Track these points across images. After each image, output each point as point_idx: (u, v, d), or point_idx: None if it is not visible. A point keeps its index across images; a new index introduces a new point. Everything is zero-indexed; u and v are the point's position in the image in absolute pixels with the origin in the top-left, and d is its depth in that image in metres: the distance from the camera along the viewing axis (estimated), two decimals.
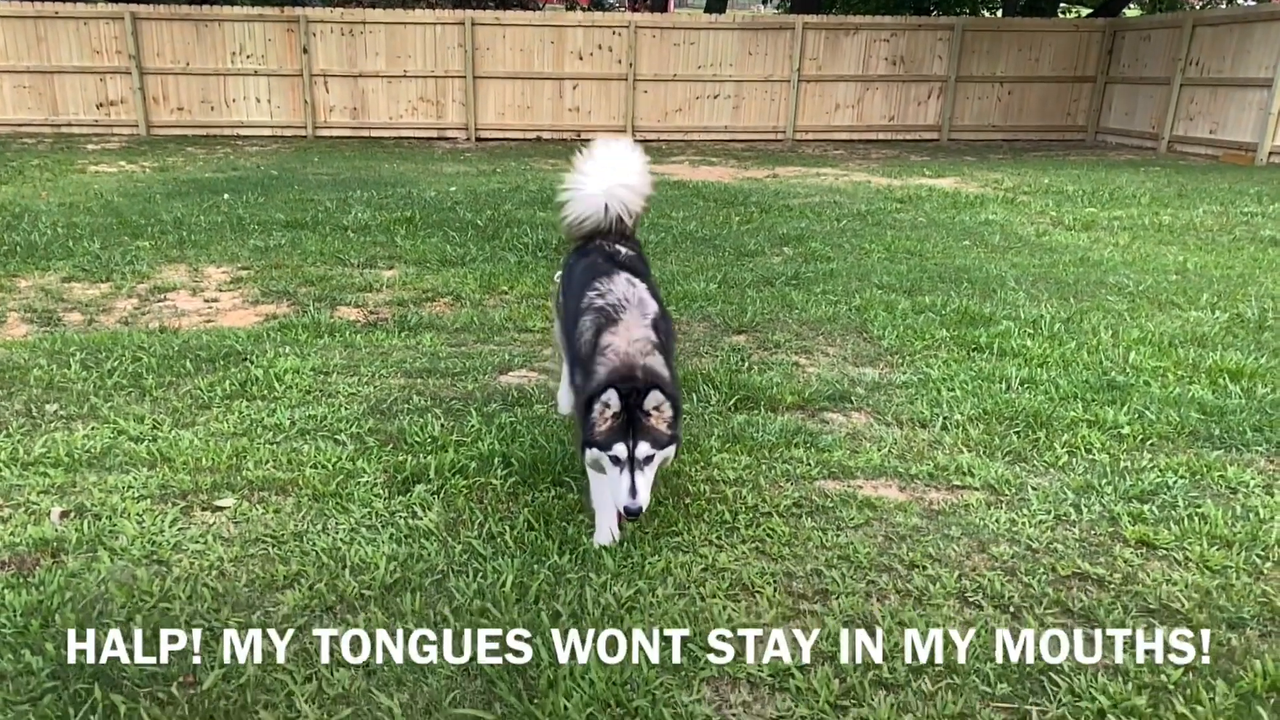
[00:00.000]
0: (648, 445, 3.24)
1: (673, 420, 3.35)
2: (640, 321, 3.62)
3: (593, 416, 3.29)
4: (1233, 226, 10.53)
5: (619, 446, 3.23)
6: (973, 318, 6.60)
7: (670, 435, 3.34)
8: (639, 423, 3.25)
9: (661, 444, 3.29)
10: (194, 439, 4.43)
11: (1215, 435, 4.61)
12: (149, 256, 8.41)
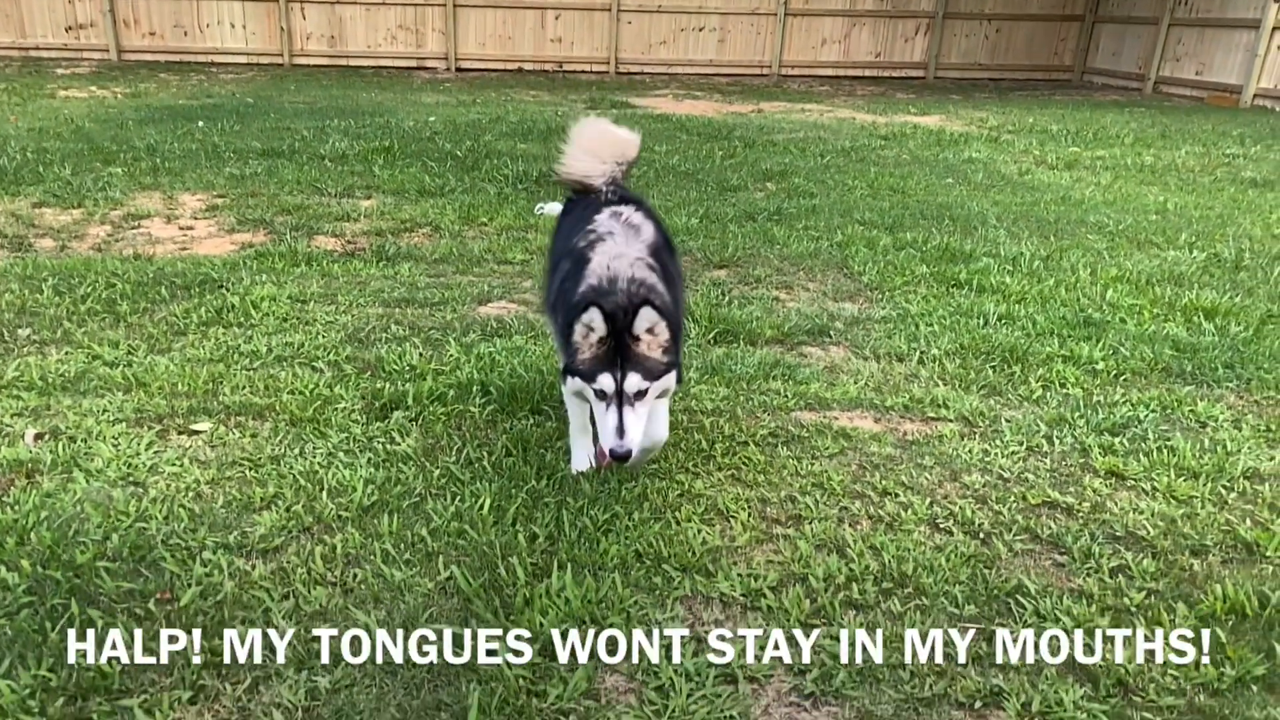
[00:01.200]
0: (639, 377, 2.83)
1: (670, 344, 2.94)
2: (633, 241, 3.20)
3: (574, 340, 2.90)
4: (1214, 168, 10.54)
5: (604, 378, 2.84)
6: (953, 254, 6.60)
7: (666, 363, 2.92)
8: (628, 350, 2.84)
9: (656, 374, 2.88)
10: (169, 365, 4.39)
11: (1187, 371, 4.66)
12: (122, 183, 8.26)
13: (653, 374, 2.89)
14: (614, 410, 2.85)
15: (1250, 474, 3.66)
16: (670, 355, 2.96)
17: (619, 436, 2.83)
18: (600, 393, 2.86)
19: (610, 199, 3.62)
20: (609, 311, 2.85)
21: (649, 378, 2.87)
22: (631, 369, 2.84)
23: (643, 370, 2.85)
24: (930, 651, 2.59)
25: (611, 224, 3.29)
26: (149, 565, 2.84)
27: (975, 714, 2.38)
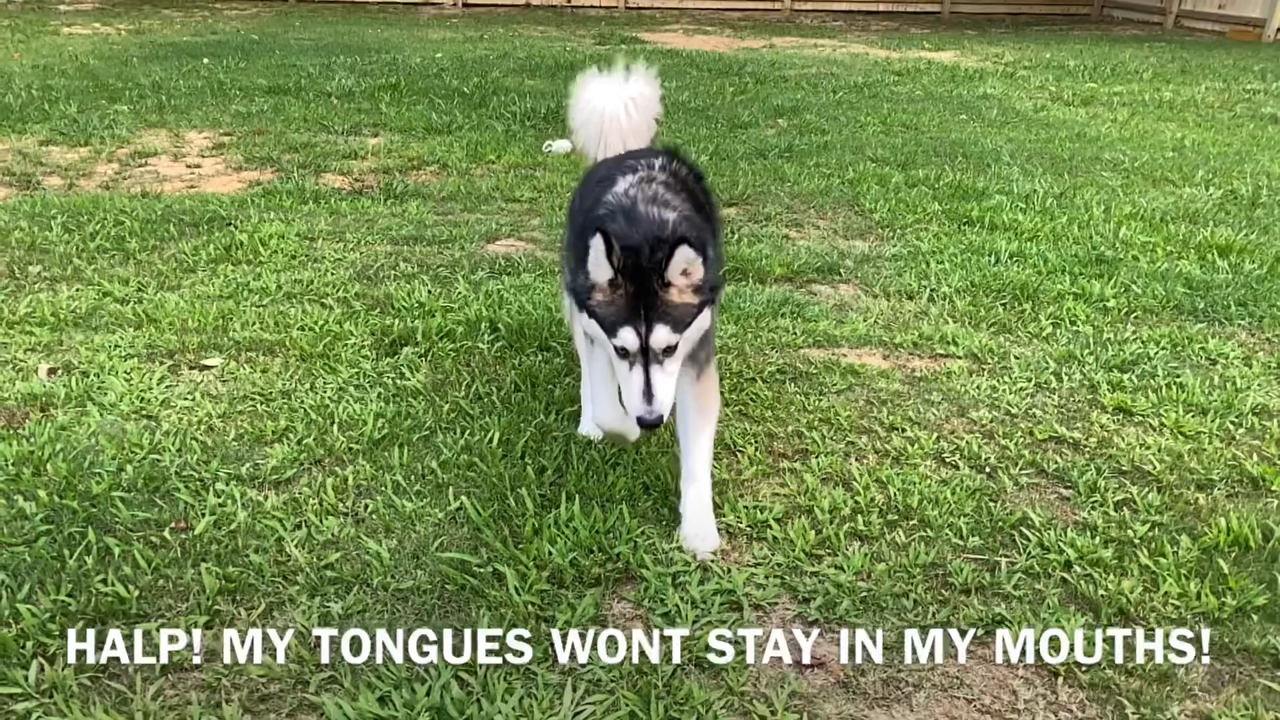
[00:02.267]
0: (668, 330, 2.36)
1: (703, 280, 2.45)
2: (659, 171, 2.75)
3: (588, 267, 2.39)
4: (1234, 103, 10.35)
5: (626, 332, 2.36)
6: (965, 192, 6.53)
7: (700, 303, 2.44)
8: (655, 297, 2.35)
9: (688, 321, 2.42)
10: (180, 301, 4.41)
11: (1199, 309, 4.63)
12: (128, 121, 8.21)
13: (684, 322, 2.41)
14: (639, 371, 2.39)
15: (1259, 410, 3.65)
16: (704, 293, 2.46)
17: (646, 400, 2.38)
18: (621, 350, 2.40)
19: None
20: (632, 247, 2.34)
21: (680, 328, 2.40)
22: (659, 320, 2.36)
23: (672, 320, 2.37)
24: (933, 581, 2.62)
25: (638, 158, 2.91)
26: (163, 496, 2.88)
27: (977, 641, 2.42)
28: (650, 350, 2.37)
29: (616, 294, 2.37)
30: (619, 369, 2.48)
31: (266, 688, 2.20)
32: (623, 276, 2.36)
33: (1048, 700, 2.24)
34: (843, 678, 2.28)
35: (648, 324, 2.36)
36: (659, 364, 2.40)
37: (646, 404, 2.38)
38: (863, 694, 2.24)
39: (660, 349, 2.38)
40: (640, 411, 2.39)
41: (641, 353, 2.38)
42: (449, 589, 2.52)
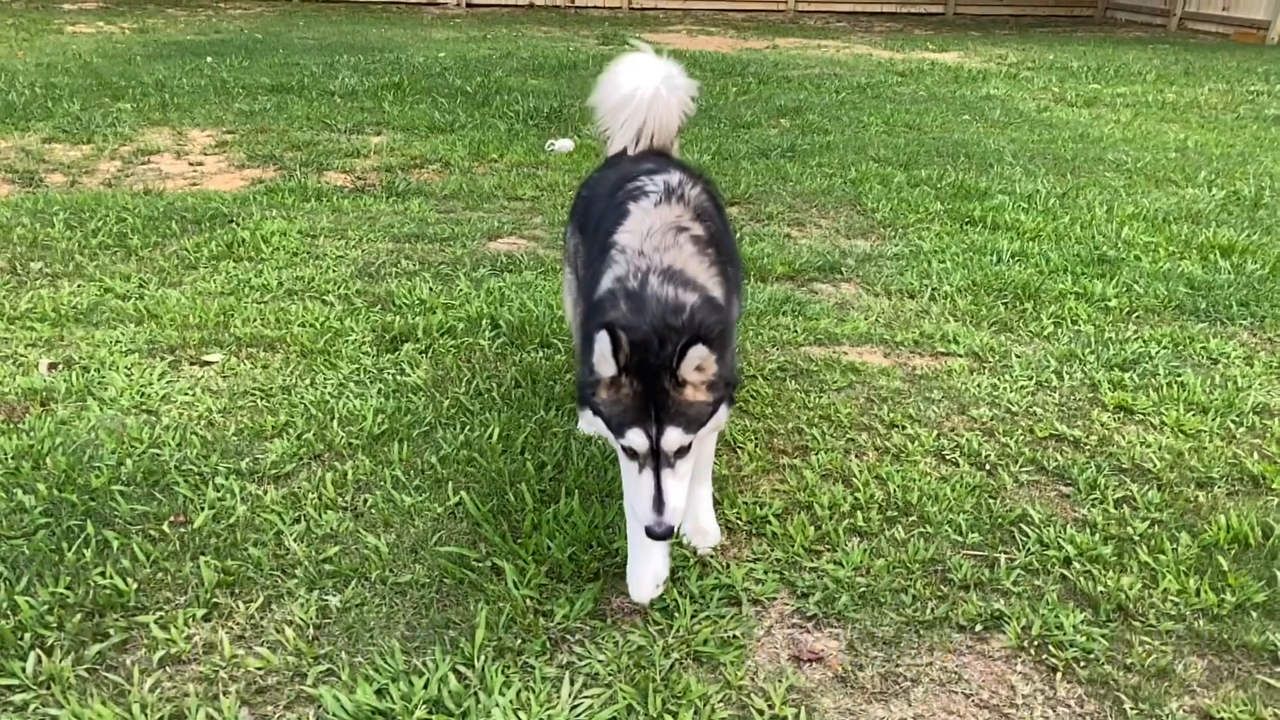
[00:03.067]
0: (680, 431, 2.11)
1: (718, 375, 2.18)
2: (671, 206, 2.50)
3: (592, 361, 2.15)
4: (1237, 105, 10.33)
5: (634, 434, 2.12)
6: (968, 191, 6.53)
7: (715, 400, 2.19)
8: (666, 394, 2.10)
9: (703, 420, 2.17)
10: (181, 297, 4.41)
11: (1201, 309, 4.63)
12: (131, 119, 8.22)
13: (698, 422, 2.16)
14: (649, 476, 2.14)
15: (1260, 409, 3.64)
16: (719, 390, 2.20)
17: (657, 510, 2.13)
18: (629, 451, 2.16)
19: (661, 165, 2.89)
20: (638, 343, 2.09)
21: (694, 428, 2.15)
22: (670, 421, 2.11)
23: (684, 421, 2.12)
24: (932, 576, 2.62)
25: (651, 177, 2.65)
26: (163, 490, 2.89)
27: (976, 637, 2.41)
28: (661, 453, 2.13)
29: (623, 392, 2.12)
30: (625, 469, 2.25)
31: (264, 680, 2.20)
32: (628, 374, 2.11)
33: (1046, 695, 2.24)
34: (841, 672, 2.27)
35: (658, 425, 2.11)
36: (670, 467, 2.14)
37: (656, 513, 2.13)
38: (861, 688, 2.24)
39: (672, 451, 2.13)
40: (649, 521, 2.13)
41: (651, 455, 2.13)
42: (448, 583, 2.52)
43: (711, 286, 2.34)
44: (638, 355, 2.08)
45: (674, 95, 3.20)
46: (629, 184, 2.63)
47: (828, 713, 2.16)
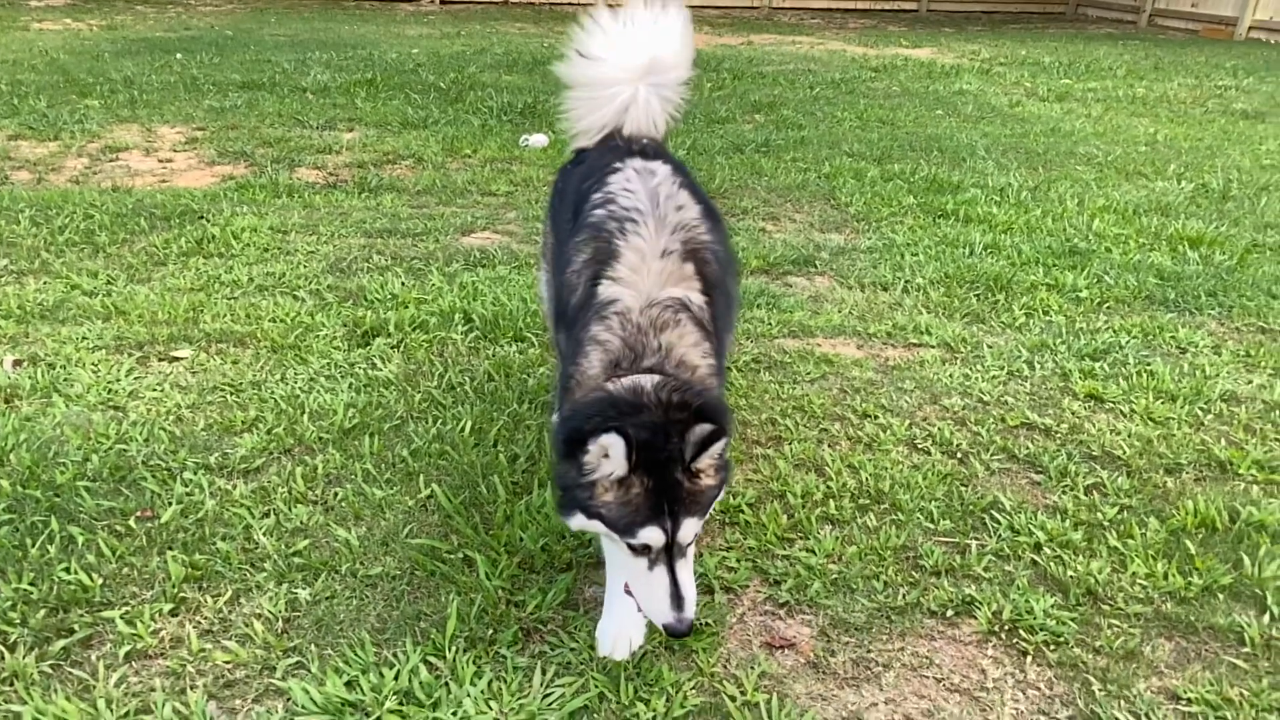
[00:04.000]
0: (695, 521, 2.00)
1: (725, 457, 2.08)
2: (667, 241, 2.28)
3: (585, 463, 1.98)
4: (1206, 99, 10.45)
5: (649, 533, 1.95)
6: (941, 185, 6.57)
7: (722, 482, 2.07)
8: (679, 488, 1.96)
9: (711, 501, 2.05)
10: (149, 294, 4.36)
11: (1170, 299, 4.67)
12: (99, 116, 8.11)
13: (709, 506, 2.04)
14: (663, 572, 1.99)
15: (1227, 397, 3.68)
16: (724, 471, 2.08)
17: (676, 608, 1.97)
18: (641, 548, 1.99)
19: (639, 151, 2.64)
20: (648, 438, 1.93)
21: (705, 513, 2.04)
22: (686, 513, 1.97)
23: (699, 509, 2.00)
24: (903, 563, 2.63)
25: (641, 192, 2.39)
26: (129, 485, 2.85)
27: (947, 622, 2.42)
28: (676, 546, 1.99)
29: (633, 491, 1.96)
30: (629, 568, 2.05)
31: (232, 674, 2.17)
32: (637, 472, 1.94)
33: (1016, 679, 2.25)
34: (813, 658, 2.28)
35: (674, 519, 1.95)
36: (683, 557, 2.01)
37: (676, 610, 1.97)
38: (832, 674, 2.24)
39: (686, 542, 2.01)
40: (668, 619, 1.97)
41: (665, 550, 1.98)
42: (419, 575, 2.51)
43: (709, 368, 2.19)
44: (646, 454, 1.92)
45: (658, 95, 2.85)
46: (610, 204, 2.38)
47: (799, 698, 2.17)
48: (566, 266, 2.39)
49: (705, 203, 2.53)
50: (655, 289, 2.20)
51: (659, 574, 1.98)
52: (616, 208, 2.35)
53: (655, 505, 1.94)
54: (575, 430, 1.99)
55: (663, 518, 1.95)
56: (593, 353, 2.16)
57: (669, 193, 2.41)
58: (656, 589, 1.99)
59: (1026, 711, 2.16)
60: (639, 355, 2.14)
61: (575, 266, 2.35)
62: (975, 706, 2.17)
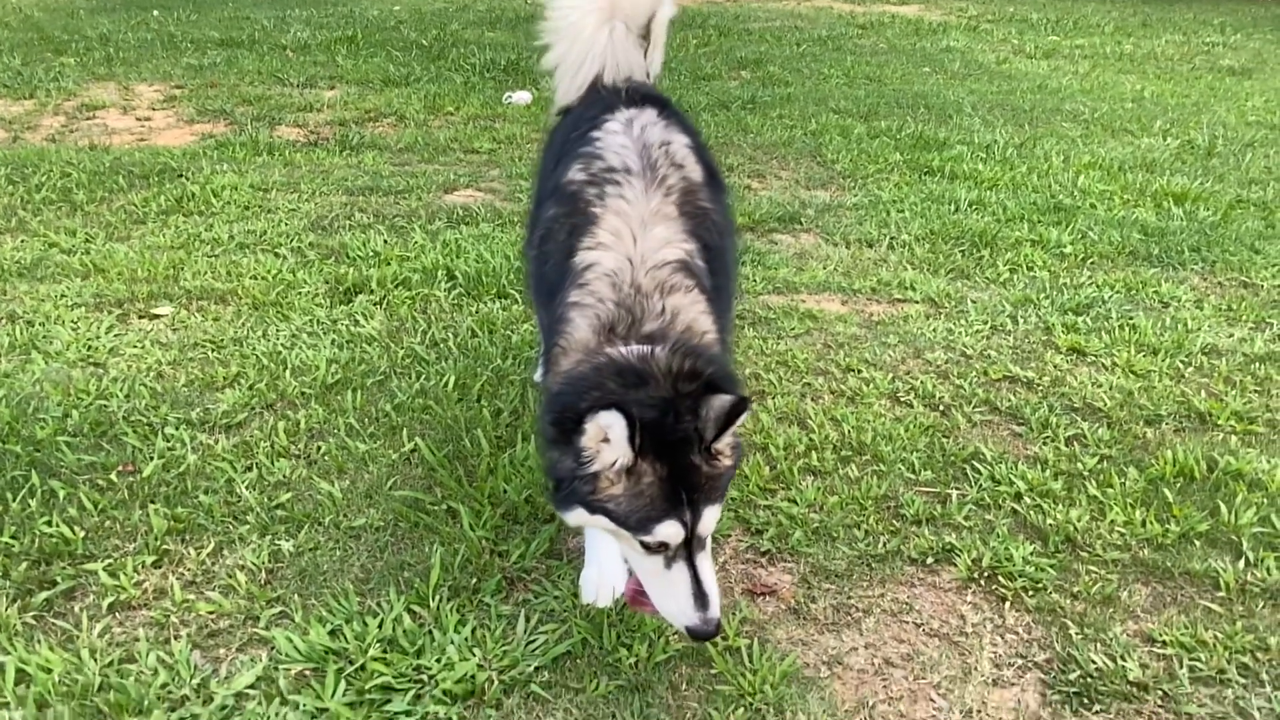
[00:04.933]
0: (716, 509, 1.80)
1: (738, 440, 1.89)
2: (659, 203, 2.08)
3: (582, 449, 1.73)
4: (1193, 56, 10.42)
5: (667, 527, 1.74)
6: (927, 142, 6.54)
7: (737, 461, 1.87)
8: (697, 471, 1.75)
9: (727, 485, 1.85)
10: (129, 252, 4.32)
11: (1154, 254, 4.68)
12: (75, 74, 7.99)
13: (726, 488, 1.84)
14: (683, 570, 1.78)
15: (1208, 350, 3.70)
16: (739, 449, 1.88)
17: (701, 607, 1.78)
18: (656, 545, 1.77)
19: (624, 99, 2.46)
20: (655, 417, 1.71)
21: (724, 495, 1.84)
22: (706, 501, 1.76)
23: (719, 495, 1.80)
24: (884, 512, 2.65)
25: (623, 151, 2.19)
26: (110, 440, 2.84)
27: (927, 569, 2.45)
28: (696, 539, 1.78)
29: (643, 482, 1.73)
30: (642, 566, 1.84)
31: (216, 624, 2.18)
32: (646, 459, 1.72)
33: (995, 624, 2.28)
34: (793, 604, 2.30)
35: (693, 510, 1.74)
36: (703, 549, 1.80)
37: (701, 610, 1.77)
38: (813, 619, 2.26)
39: (707, 534, 1.81)
40: (692, 621, 1.77)
41: (685, 545, 1.77)
42: (402, 526, 2.51)
43: (718, 338, 1.99)
44: (653, 435, 1.69)
45: (633, 35, 2.70)
46: (593, 161, 2.18)
47: (780, 643, 2.19)
48: (546, 235, 2.19)
49: (702, 154, 2.34)
50: (650, 250, 1.99)
51: (679, 572, 1.77)
52: (600, 166, 2.15)
53: (671, 496, 1.72)
54: (568, 408, 1.74)
55: (681, 509, 1.72)
56: (579, 318, 1.93)
57: (660, 140, 2.22)
58: (677, 588, 1.78)
59: (1004, 655, 2.19)
60: (637, 320, 1.89)
61: (554, 232, 2.15)
62: (954, 650, 2.19)
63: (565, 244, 2.07)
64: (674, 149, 2.24)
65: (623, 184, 2.09)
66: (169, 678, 1.99)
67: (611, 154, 2.18)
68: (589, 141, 2.24)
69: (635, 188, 2.09)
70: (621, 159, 2.16)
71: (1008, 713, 2.03)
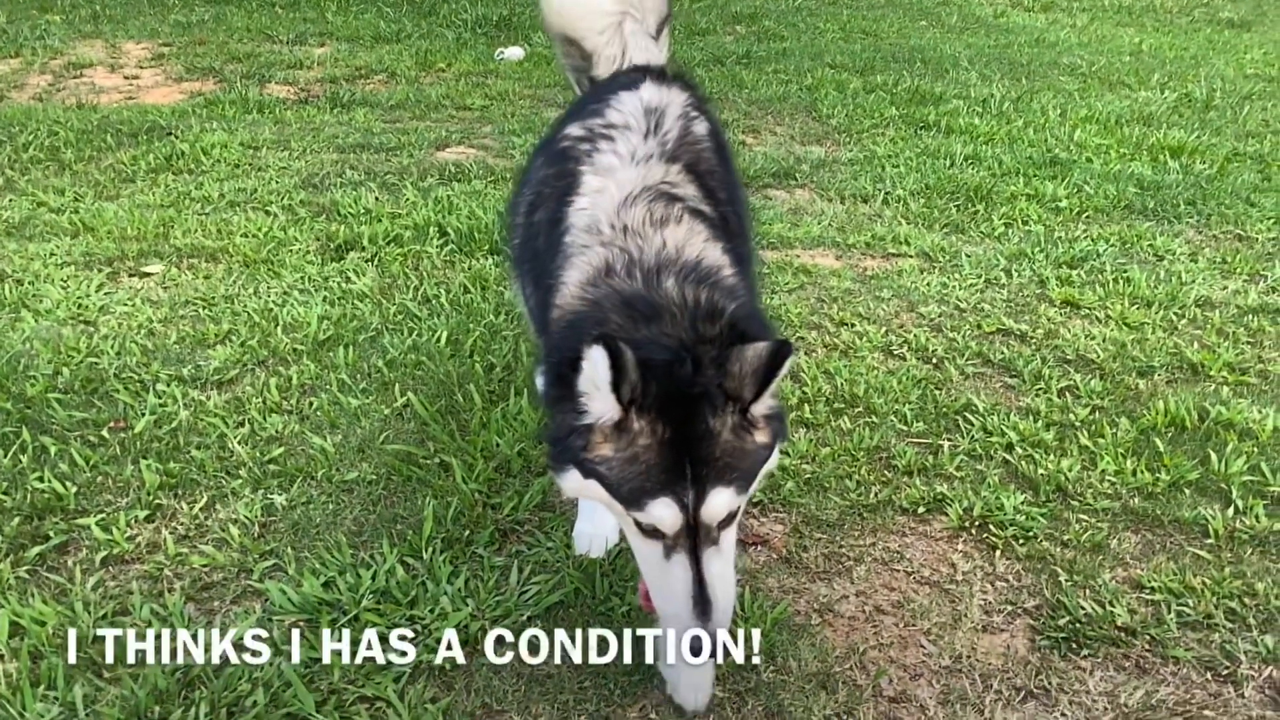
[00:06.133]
0: (730, 493, 1.47)
1: (779, 404, 1.58)
2: (654, 145, 1.87)
3: (579, 395, 1.49)
4: (1192, 8, 10.31)
5: (661, 506, 1.45)
6: (923, 97, 6.49)
7: (774, 439, 1.55)
8: (710, 441, 1.46)
9: (757, 472, 1.54)
10: (118, 210, 4.28)
11: (1149, 208, 4.66)
12: (61, 31, 7.89)
13: (754, 475, 1.53)
14: (683, 562, 1.48)
15: (1202, 302, 3.70)
16: (777, 423, 1.55)
17: (701, 614, 1.48)
18: (650, 530, 1.50)
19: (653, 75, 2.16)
20: (660, 364, 1.46)
21: (748, 484, 1.51)
22: (718, 480, 1.46)
23: (739, 476, 1.48)
24: (876, 463, 2.66)
25: (624, 113, 1.97)
26: (102, 397, 2.83)
27: (918, 519, 2.46)
28: (704, 529, 1.47)
29: (639, 443, 1.45)
30: (640, 552, 1.55)
31: (209, 576, 2.19)
32: (644, 415, 1.44)
33: (985, 571, 2.29)
34: (785, 554, 2.31)
35: (699, 487, 1.44)
36: (714, 544, 1.49)
37: (700, 617, 1.47)
38: (805, 568, 2.27)
39: (716, 523, 1.48)
40: (688, 625, 1.47)
41: (687, 532, 1.47)
42: (395, 480, 2.52)
43: (737, 275, 1.69)
44: (660, 385, 1.42)
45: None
46: (592, 119, 1.96)
47: (772, 592, 2.20)
48: (535, 200, 1.97)
49: (718, 139, 2.08)
50: (633, 185, 1.76)
51: (678, 565, 1.47)
52: (598, 122, 1.92)
53: (672, 466, 1.43)
54: (567, 352, 1.48)
55: (680, 486, 1.42)
56: (570, 271, 1.68)
57: (665, 104, 1.97)
58: (674, 585, 1.48)
59: (995, 602, 2.21)
60: (634, 259, 1.62)
61: (544, 196, 1.91)
62: (945, 598, 2.21)
63: (554, 212, 1.83)
64: (691, 126, 1.99)
65: (617, 139, 1.88)
66: (162, 629, 2.00)
67: (614, 112, 1.96)
68: (599, 100, 2.04)
69: (630, 140, 1.87)
70: (624, 117, 1.94)
71: (996, 658, 2.05)
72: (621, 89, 2.05)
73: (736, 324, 1.52)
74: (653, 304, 1.52)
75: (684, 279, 1.57)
